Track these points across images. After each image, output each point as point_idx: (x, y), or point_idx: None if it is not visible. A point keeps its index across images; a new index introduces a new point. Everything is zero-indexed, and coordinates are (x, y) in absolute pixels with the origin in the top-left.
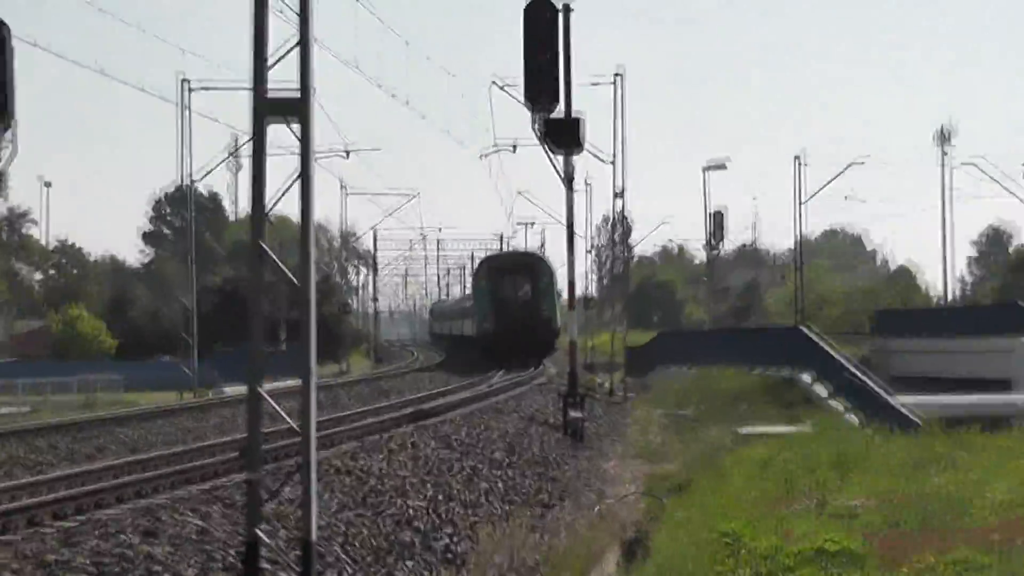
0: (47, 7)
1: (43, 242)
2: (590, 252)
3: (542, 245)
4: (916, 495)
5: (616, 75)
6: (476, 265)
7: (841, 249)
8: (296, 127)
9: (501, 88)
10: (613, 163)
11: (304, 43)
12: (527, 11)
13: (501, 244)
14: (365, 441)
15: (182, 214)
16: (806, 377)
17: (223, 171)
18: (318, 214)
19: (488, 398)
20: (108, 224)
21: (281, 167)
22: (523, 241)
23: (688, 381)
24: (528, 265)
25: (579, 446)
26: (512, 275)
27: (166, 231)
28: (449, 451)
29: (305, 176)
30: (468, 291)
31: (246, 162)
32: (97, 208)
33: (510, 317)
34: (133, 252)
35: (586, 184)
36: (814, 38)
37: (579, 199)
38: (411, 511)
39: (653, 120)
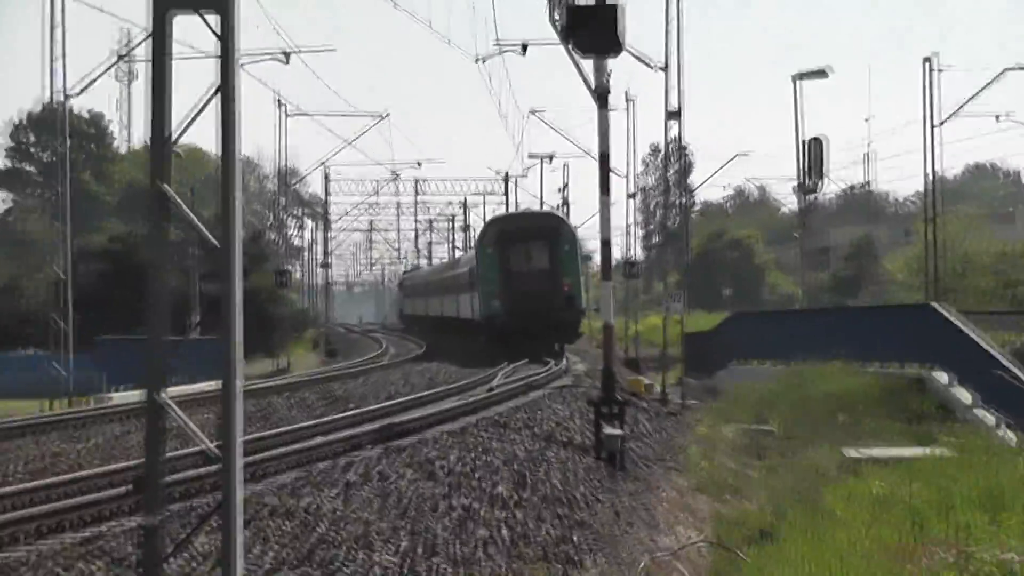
0: None
1: None
2: (633, 197)
3: (564, 187)
4: None
5: None
6: (481, 228)
7: (992, 192)
8: (214, 19)
9: None
10: (665, 70)
11: None
12: None
13: (507, 189)
14: (312, 470)
15: (51, 144)
16: (942, 377)
17: (109, 82)
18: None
19: (488, 407)
20: None
21: (194, 77)
22: (536, 182)
23: (773, 383)
24: (547, 228)
25: (618, 476)
26: (526, 241)
27: (28, 168)
28: (432, 484)
29: (227, 90)
30: (458, 255)
31: (142, 70)
32: None
33: (524, 295)
34: None
35: (627, 101)
36: None
37: (617, 123)
38: (377, 570)
39: (723, 22)
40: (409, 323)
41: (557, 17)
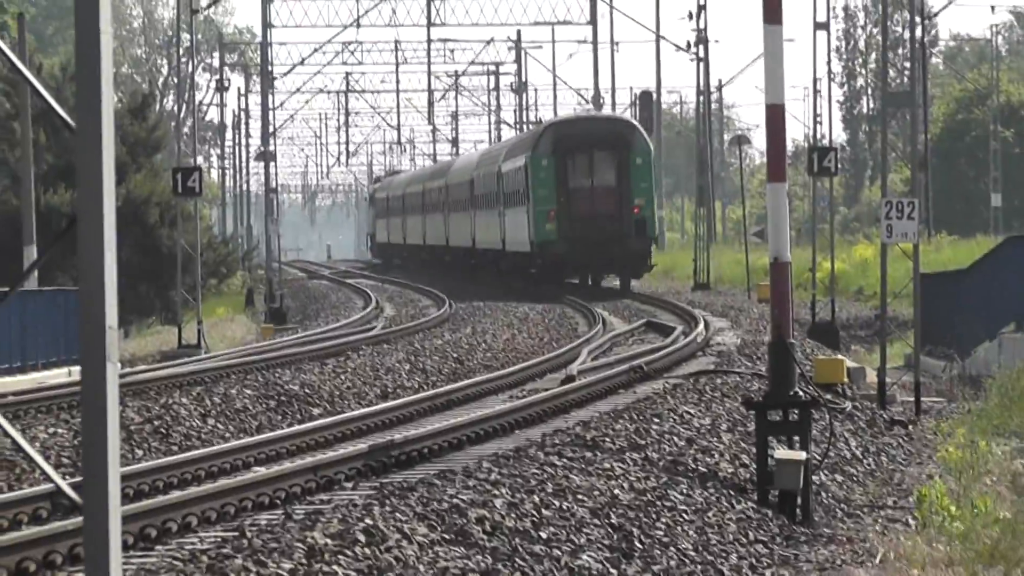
0: None
1: None
2: (825, 28)
3: (699, 10)
4: None
5: None
6: (531, 132)
7: None
8: None
9: None
10: None
11: None
12: None
13: (594, 12)
14: (246, 528)
15: None
16: None
17: None
18: None
19: (565, 412)
20: None
21: None
22: (646, 1)
23: None
24: (615, 136)
25: (799, 537)
26: (590, 151)
27: None
28: (463, 553)
29: None
30: (475, 149)
31: None
32: None
33: (585, 217)
34: None
35: None
36: None
37: None
38: None
39: None
40: (388, 255)
41: None
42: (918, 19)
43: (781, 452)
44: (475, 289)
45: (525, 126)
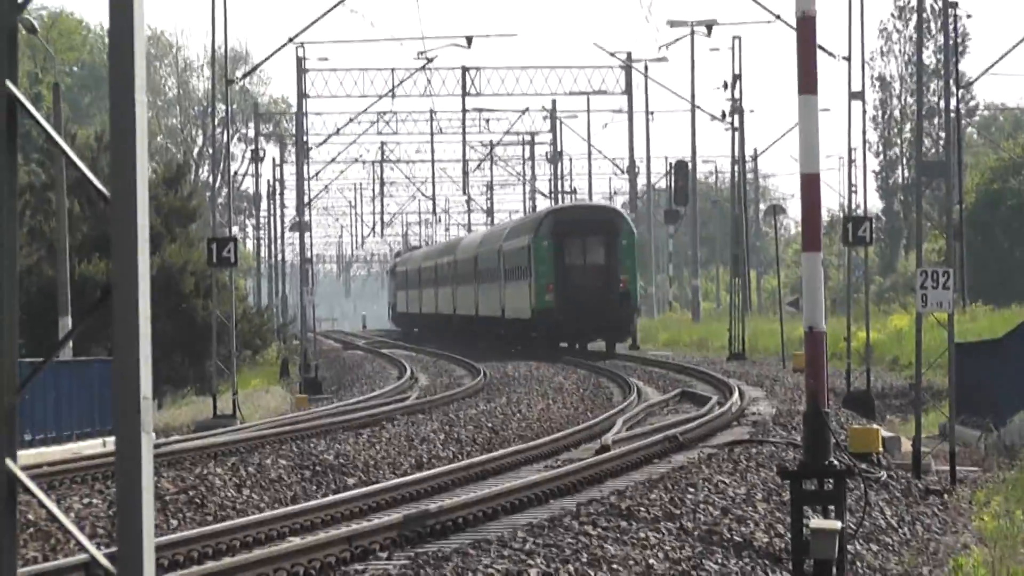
0: None
1: None
2: (860, 98)
3: (734, 80)
4: None
5: None
6: (536, 218)
7: None
8: None
9: None
10: None
11: None
12: None
13: (629, 83)
14: None
15: None
16: None
17: None
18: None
19: (600, 482)
20: None
21: None
22: (680, 69)
23: None
24: (605, 221)
25: None
26: (584, 235)
27: None
28: None
29: None
30: (487, 227)
31: None
32: None
33: (578, 290)
34: None
35: None
36: None
37: None
38: None
39: None
40: (406, 323)
41: None
42: (953, 88)
43: (816, 521)
44: (509, 360)
45: (560, 196)
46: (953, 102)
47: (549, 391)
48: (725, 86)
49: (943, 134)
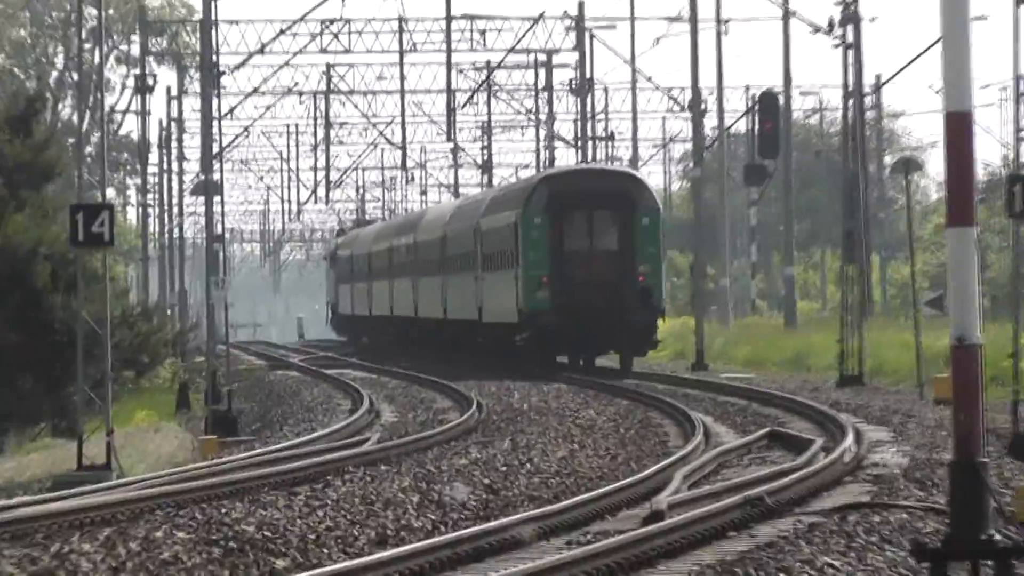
0: None
1: None
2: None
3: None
4: None
5: None
6: (524, 187)
7: None
8: None
9: None
10: None
11: None
12: None
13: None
14: None
15: None
16: None
17: None
18: None
19: (648, 565)
20: None
21: None
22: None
23: None
24: (619, 193)
25: None
26: (590, 209)
27: None
28: None
29: None
30: (490, 189)
31: None
32: None
33: (582, 285)
34: None
35: None
36: None
37: None
38: None
39: None
40: (351, 330)
41: None
42: None
43: None
44: (511, 383)
45: (591, 144)
46: None
47: (574, 431)
48: None
49: None
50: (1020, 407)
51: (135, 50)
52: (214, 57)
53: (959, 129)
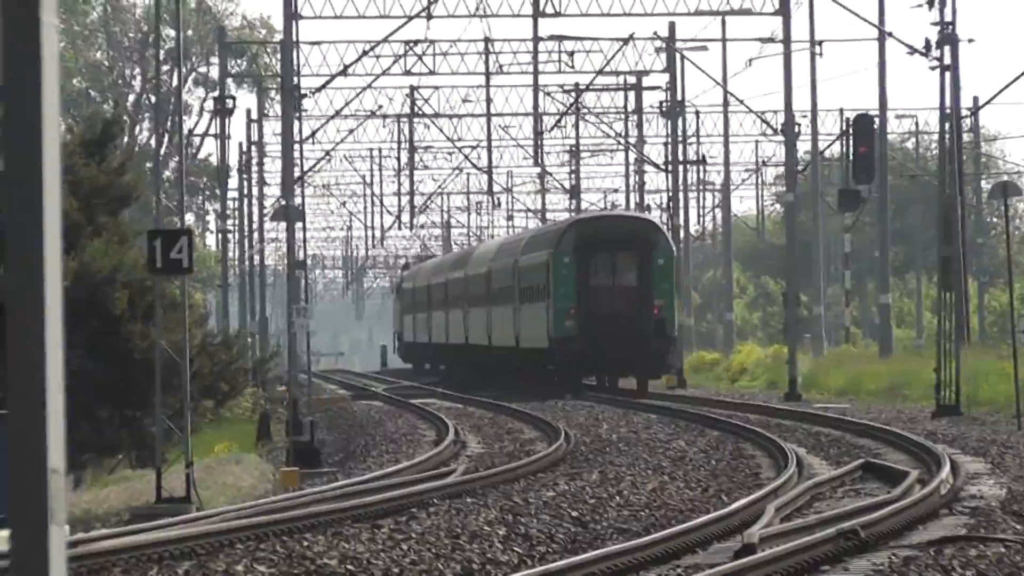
0: None
1: None
2: None
3: None
4: None
5: None
6: (556, 229)
7: None
8: None
9: None
10: None
11: None
12: None
13: None
14: None
15: None
16: None
17: None
18: None
19: None
20: None
21: None
22: None
23: None
24: (639, 236)
25: None
26: (613, 250)
27: None
28: None
29: None
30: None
31: None
32: None
33: (605, 316)
34: None
35: None
36: None
37: None
38: None
39: None
40: (414, 357)
41: None
42: None
43: None
44: (600, 414)
45: (681, 169)
46: None
47: (664, 462)
48: (929, 4)
49: None
50: None
51: (214, 72)
52: (295, 79)
53: None
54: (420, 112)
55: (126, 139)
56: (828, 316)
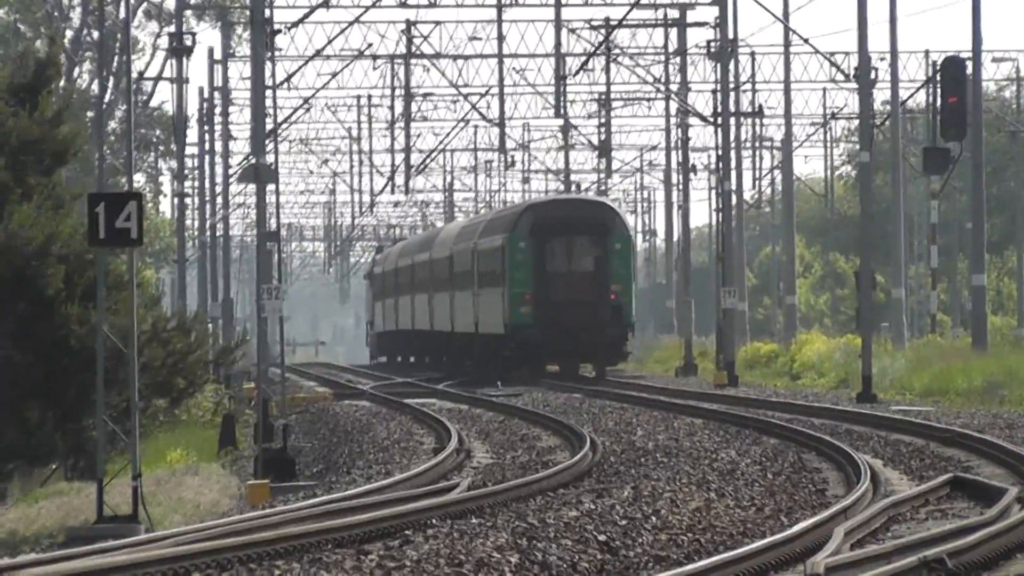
0: None
1: None
2: None
3: None
4: None
5: None
6: (512, 213)
7: None
8: None
9: None
10: None
11: None
12: None
13: None
14: None
15: None
16: None
17: None
18: None
19: None
20: None
21: None
22: None
23: None
24: (595, 221)
25: None
26: (569, 235)
27: None
28: None
29: None
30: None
31: None
32: None
33: (561, 302)
34: None
35: None
36: None
37: None
38: None
39: None
40: (386, 348)
41: None
42: None
43: None
44: (634, 418)
45: (732, 121)
46: None
47: (711, 475)
48: None
49: None
50: None
51: (169, 2)
52: (267, 11)
53: None
54: (418, 52)
55: (63, 83)
56: (910, 301)
